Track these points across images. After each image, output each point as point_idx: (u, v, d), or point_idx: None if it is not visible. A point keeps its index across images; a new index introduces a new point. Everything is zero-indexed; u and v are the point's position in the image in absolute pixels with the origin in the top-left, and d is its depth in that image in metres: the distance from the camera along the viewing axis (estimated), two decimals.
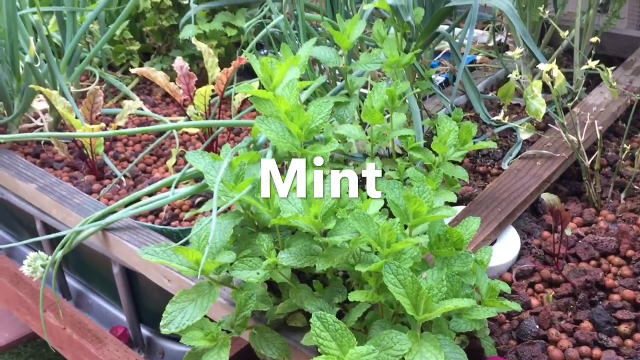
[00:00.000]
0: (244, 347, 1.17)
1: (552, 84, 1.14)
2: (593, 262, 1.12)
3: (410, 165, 1.16)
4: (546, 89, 1.19)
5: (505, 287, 0.96)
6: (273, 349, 0.91)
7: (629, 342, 0.96)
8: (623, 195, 1.29)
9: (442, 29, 1.43)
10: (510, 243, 1.14)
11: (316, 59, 1.22)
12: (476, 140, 1.34)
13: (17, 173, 1.36)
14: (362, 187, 1.11)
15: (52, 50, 1.48)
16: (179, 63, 1.41)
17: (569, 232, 1.12)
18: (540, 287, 1.08)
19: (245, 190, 0.92)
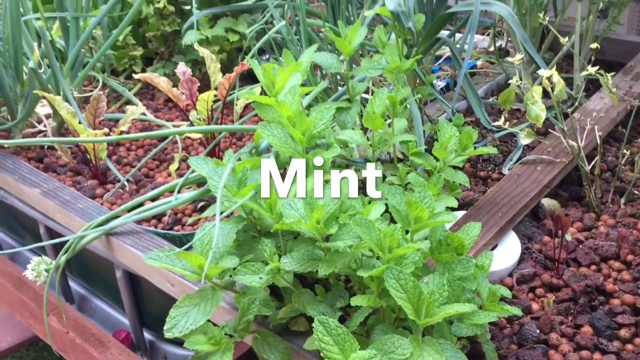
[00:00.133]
0: (246, 351, 1.18)
1: (552, 89, 1.15)
2: (593, 267, 1.12)
3: (411, 170, 1.16)
4: (546, 94, 1.19)
5: (506, 292, 0.97)
6: (276, 353, 0.92)
7: (629, 346, 0.97)
8: (623, 200, 1.29)
9: (443, 34, 1.44)
10: (511, 248, 1.15)
11: (318, 64, 1.23)
12: (477, 145, 1.35)
13: (21, 178, 1.36)
14: (364, 193, 1.12)
15: (56, 56, 1.49)
16: (182, 68, 1.41)
17: (569, 237, 1.12)
18: (540, 291, 1.08)
19: (248, 195, 0.93)
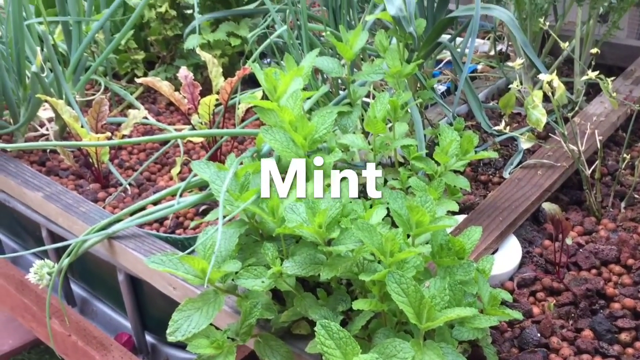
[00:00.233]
0: (248, 355, 1.18)
1: (553, 94, 1.16)
2: (594, 271, 1.13)
3: (412, 174, 1.17)
4: (547, 98, 1.20)
5: (507, 296, 0.97)
6: (278, 356, 0.92)
7: (629, 350, 0.97)
8: (623, 204, 1.30)
9: (444, 38, 1.44)
10: (511, 252, 1.15)
11: (319, 68, 1.23)
12: (477, 149, 1.35)
13: (24, 181, 1.37)
14: (365, 197, 1.12)
15: (58, 60, 1.50)
16: (184, 73, 1.42)
17: (569, 241, 1.13)
18: (541, 295, 1.08)
19: (250, 200, 0.94)
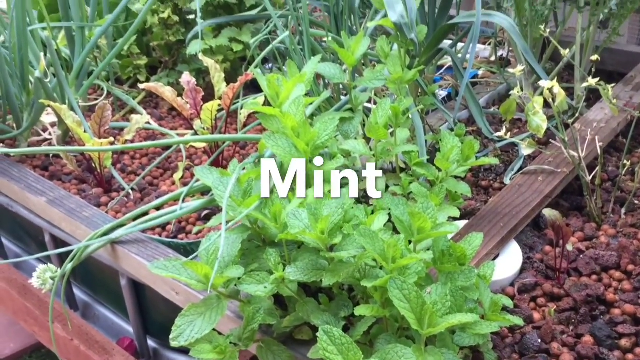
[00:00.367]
0: None
1: (553, 100, 1.16)
2: (594, 277, 1.13)
3: (414, 180, 1.17)
4: (547, 104, 1.20)
5: (508, 302, 0.98)
6: None
7: (629, 356, 0.98)
8: (624, 210, 1.30)
9: (445, 44, 1.45)
10: (512, 257, 1.16)
11: (321, 74, 1.24)
12: (478, 155, 1.36)
13: (27, 186, 1.38)
14: (367, 202, 1.13)
15: (61, 65, 1.51)
16: (186, 78, 1.43)
17: (570, 246, 1.13)
18: (542, 301, 1.09)
19: (253, 205, 0.94)
